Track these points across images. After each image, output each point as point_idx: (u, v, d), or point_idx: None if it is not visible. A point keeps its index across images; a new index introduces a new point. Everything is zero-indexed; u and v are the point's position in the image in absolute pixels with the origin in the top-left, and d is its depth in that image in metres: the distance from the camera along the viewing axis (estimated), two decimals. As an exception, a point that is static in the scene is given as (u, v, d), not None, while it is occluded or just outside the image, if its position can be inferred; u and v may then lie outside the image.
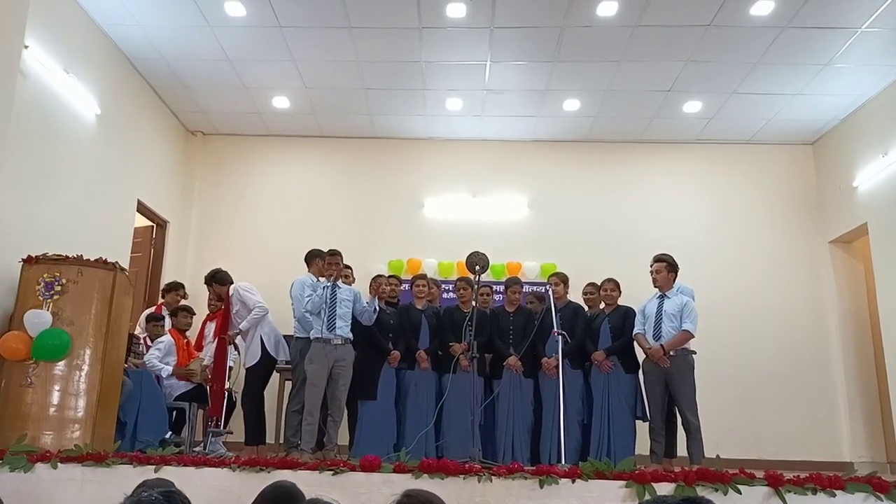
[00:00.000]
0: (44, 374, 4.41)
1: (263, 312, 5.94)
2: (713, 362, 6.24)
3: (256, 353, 5.93)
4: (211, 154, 8.56)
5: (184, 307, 6.37)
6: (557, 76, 7.00)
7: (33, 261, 4.65)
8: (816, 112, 7.56)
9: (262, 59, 6.88)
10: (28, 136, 5.29)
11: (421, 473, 3.76)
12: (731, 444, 6.25)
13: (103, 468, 3.85)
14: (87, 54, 6.15)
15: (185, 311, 6.29)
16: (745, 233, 8.11)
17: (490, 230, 8.03)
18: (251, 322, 5.91)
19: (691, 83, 7.04)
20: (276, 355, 6.01)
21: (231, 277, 6.27)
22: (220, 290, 6.18)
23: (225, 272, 6.26)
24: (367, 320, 5.61)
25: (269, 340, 5.97)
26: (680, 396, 5.24)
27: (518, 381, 5.72)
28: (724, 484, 3.60)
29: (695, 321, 5.35)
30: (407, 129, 8.29)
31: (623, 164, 8.37)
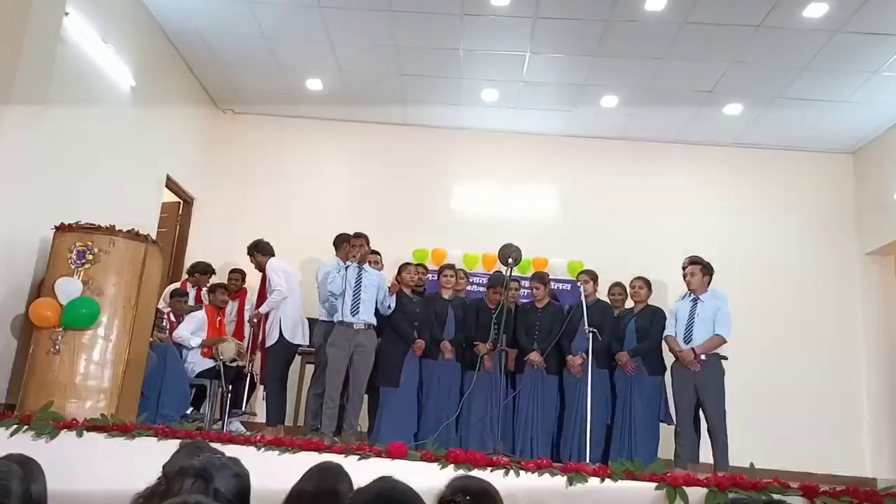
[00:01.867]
0: (71, 343, 4.39)
1: (279, 297, 5.85)
2: (740, 369, 6.12)
3: (275, 334, 5.89)
4: (239, 133, 8.52)
5: (221, 284, 6.33)
6: (597, 71, 6.89)
7: (66, 229, 4.63)
8: (859, 121, 7.38)
9: (298, 39, 6.81)
10: (65, 103, 5.27)
11: (447, 464, 3.72)
12: (752, 453, 6.12)
13: (127, 439, 3.85)
14: (124, 25, 6.12)
15: (222, 289, 6.24)
16: (778, 240, 7.96)
17: (518, 224, 7.92)
18: (268, 305, 5.88)
19: (734, 85, 6.89)
20: (292, 339, 5.91)
21: (273, 250, 6.20)
22: (262, 261, 6.11)
23: (267, 243, 6.20)
24: (383, 311, 5.59)
25: (287, 323, 5.89)
26: (709, 402, 5.15)
27: (541, 377, 5.65)
28: (757, 492, 3.51)
29: (729, 326, 5.26)
30: (439, 118, 8.20)
31: (657, 164, 8.23)
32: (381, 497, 1.63)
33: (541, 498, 3.66)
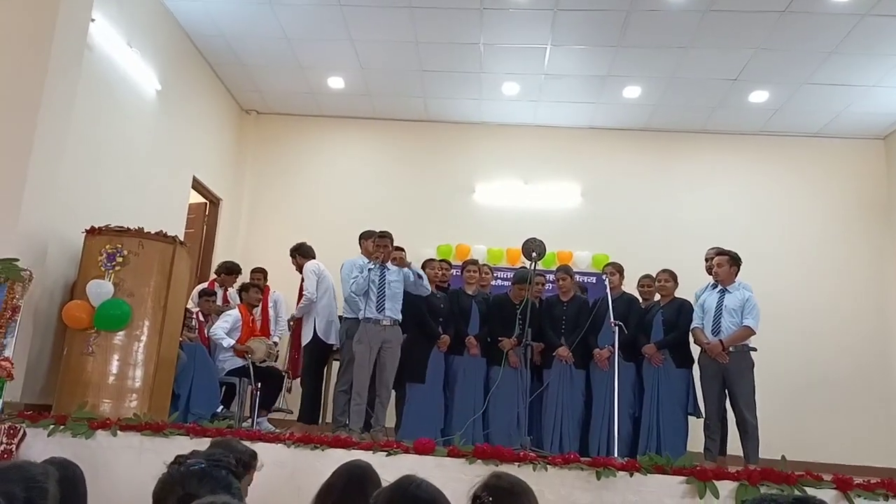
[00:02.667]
0: (104, 344, 4.49)
1: (307, 303, 6.06)
2: (769, 361, 6.02)
3: (308, 333, 6.07)
4: (264, 133, 8.61)
5: (254, 284, 6.40)
6: (619, 62, 6.82)
7: (96, 232, 4.72)
8: (890, 105, 7.22)
9: (320, 39, 6.86)
10: (91, 108, 5.37)
11: (475, 459, 3.73)
12: (783, 445, 6.04)
13: (160, 437, 3.92)
14: (149, 29, 6.21)
15: (256, 288, 6.33)
16: (807, 229, 7.82)
17: (541, 218, 7.89)
18: (300, 311, 6.12)
19: (760, 72, 6.77)
20: (326, 339, 6.07)
21: (314, 252, 6.41)
22: (301, 263, 6.31)
23: (310, 246, 6.43)
24: (423, 291, 5.59)
25: (321, 323, 6.07)
26: (739, 394, 5.08)
27: (569, 371, 5.62)
28: (789, 485, 3.47)
29: (757, 317, 5.18)
30: (461, 113, 8.20)
31: (682, 154, 8.14)
32: (404, 495, 1.63)
33: (569, 493, 3.66)
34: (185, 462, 1.92)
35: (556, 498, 3.64)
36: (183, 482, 1.82)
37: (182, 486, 1.81)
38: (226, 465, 2.02)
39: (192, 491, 1.76)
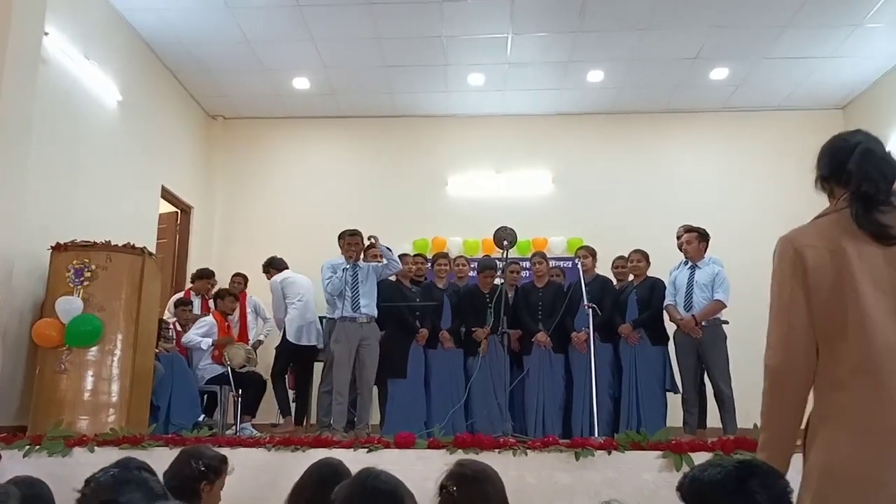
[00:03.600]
0: (77, 360, 4.46)
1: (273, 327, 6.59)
2: (742, 333, 6.12)
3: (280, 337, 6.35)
4: (232, 138, 8.55)
5: (230, 292, 6.44)
6: (580, 47, 6.86)
7: (62, 248, 4.68)
8: (847, 75, 7.33)
9: (280, 40, 6.82)
10: (51, 123, 5.31)
11: (455, 449, 3.77)
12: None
13: (139, 451, 3.89)
14: (106, 40, 6.15)
15: (231, 297, 6.36)
16: (773, 201, 7.89)
17: (515, 206, 7.93)
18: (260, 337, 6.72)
19: (718, 49, 6.85)
20: (297, 341, 6.19)
21: (285, 264, 6.64)
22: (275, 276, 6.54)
23: (281, 259, 6.66)
24: (395, 266, 5.62)
25: (291, 326, 6.21)
26: (713, 367, 5.17)
27: (548, 356, 5.67)
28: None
29: (727, 291, 5.27)
30: (429, 106, 8.20)
31: (649, 135, 8.21)
32: (363, 488, 1.65)
33: (550, 475, 3.71)
34: (96, 478, 1.92)
35: (538, 481, 3.69)
36: (98, 495, 1.81)
37: (98, 498, 1.80)
38: (138, 466, 2.02)
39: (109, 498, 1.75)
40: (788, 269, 1.71)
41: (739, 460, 1.56)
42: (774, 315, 1.73)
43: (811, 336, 1.66)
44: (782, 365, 1.69)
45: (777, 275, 1.75)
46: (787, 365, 1.69)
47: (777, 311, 1.73)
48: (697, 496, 1.53)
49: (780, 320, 1.72)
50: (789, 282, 1.70)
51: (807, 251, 1.69)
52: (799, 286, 1.68)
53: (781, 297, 1.72)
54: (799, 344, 1.67)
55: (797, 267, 1.69)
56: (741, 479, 1.50)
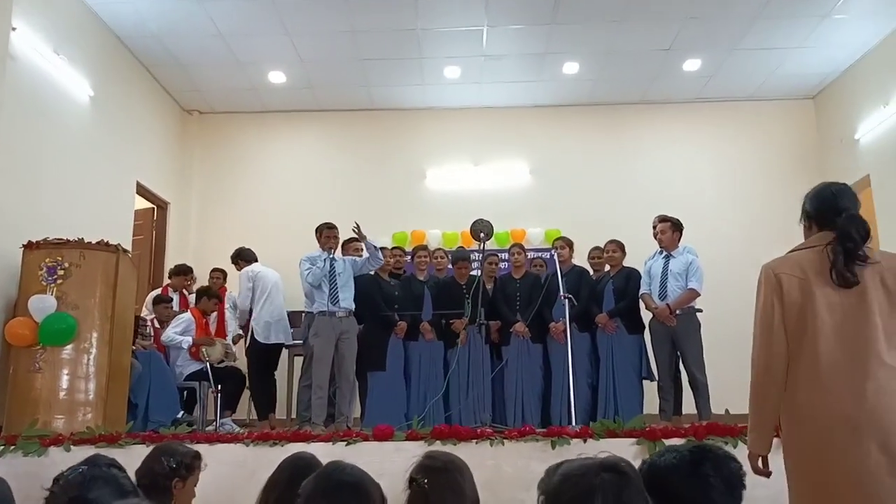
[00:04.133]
0: (52, 359, 4.43)
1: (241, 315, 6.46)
2: (718, 320, 6.21)
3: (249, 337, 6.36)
4: (208, 133, 8.49)
5: (208, 291, 6.34)
6: (556, 39, 6.89)
7: (34, 246, 4.64)
8: (817, 65, 7.45)
9: (254, 33, 6.77)
10: (21, 120, 5.24)
11: (433, 440, 3.79)
12: (737, 400, 6.24)
13: (117, 449, 3.88)
14: (76, 35, 6.06)
15: (215, 299, 6.30)
16: (748, 190, 8.05)
17: (493, 198, 7.98)
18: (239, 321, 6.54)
19: (691, 41, 6.92)
20: (265, 339, 6.17)
21: (255, 255, 6.57)
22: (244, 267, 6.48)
23: (249, 249, 6.58)
24: (376, 262, 5.64)
25: (258, 324, 6.18)
26: (687, 354, 5.25)
27: (526, 346, 5.72)
28: (733, 437, 3.62)
29: (700, 279, 5.34)
30: (405, 99, 8.19)
31: (625, 126, 8.28)
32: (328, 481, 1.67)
33: (526, 464, 3.75)
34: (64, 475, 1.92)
35: (514, 470, 3.73)
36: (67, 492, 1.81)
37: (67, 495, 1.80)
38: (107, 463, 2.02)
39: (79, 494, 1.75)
40: (769, 290, 2.12)
41: (694, 445, 1.62)
42: (759, 328, 2.14)
43: (785, 345, 2.09)
44: (765, 367, 2.12)
45: (760, 295, 2.15)
46: (768, 367, 2.11)
47: (761, 324, 2.13)
48: (655, 481, 1.59)
49: (763, 332, 2.12)
50: (770, 300, 2.11)
51: (783, 278, 2.11)
52: (778, 304, 2.10)
53: (765, 312, 2.12)
54: (778, 353, 2.09)
55: (776, 289, 2.11)
56: (695, 462, 1.59)
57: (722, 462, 1.64)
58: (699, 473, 1.60)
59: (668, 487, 1.61)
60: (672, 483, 1.60)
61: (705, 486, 1.59)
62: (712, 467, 1.61)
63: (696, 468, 1.61)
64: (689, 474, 1.61)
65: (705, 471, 1.60)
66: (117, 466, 1.89)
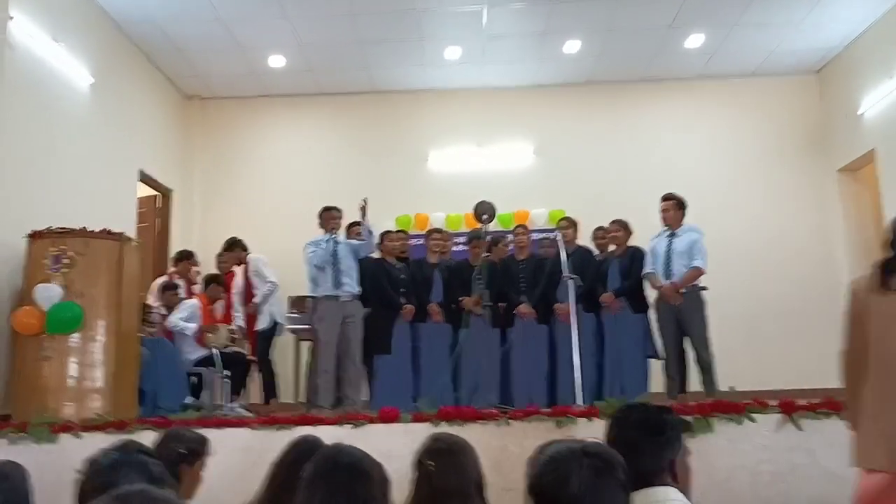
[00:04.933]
0: (59, 347, 4.45)
1: (273, 289, 6.39)
2: (723, 298, 6.21)
3: (265, 320, 6.37)
4: (210, 118, 8.46)
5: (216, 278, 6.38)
6: (557, 16, 6.82)
7: (38, 235, 4.65)
8: (820, 40, 7.37)
9: (254, 17, 6.72)
10: (21, 109, 5.23)
11: (440, 422, 3.80)
12: (744, 377, 6.22)
13: (126, 435, 3.90)
14: (75, 22, 6.03)
15: (222, 287, 6.33)
16: (752, 166, 8.00)
17: (497, 179, 7.94)
18: (264, 299, 6.38)
19: (692, 17, 6.84)
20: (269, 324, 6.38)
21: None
22: (242, 256, 6.59)
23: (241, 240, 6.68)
24: (371, 249, 5.65)
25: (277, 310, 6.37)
26: (693, 332, 5.25)
27: (532, 327, 5.73)
28: (738, 414, 3.63)
29: (705, 257, 5.32)
30: (406, 81, 8.14)
31: (627, 104, 8.22)
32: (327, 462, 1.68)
33: (532, 444, 3.73)
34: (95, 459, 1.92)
35: (521, 450, 3.73)
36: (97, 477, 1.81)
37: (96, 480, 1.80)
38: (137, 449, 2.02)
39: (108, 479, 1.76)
40: (851, 297, 2.60)
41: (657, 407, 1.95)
42: (846, 327, 2.61)
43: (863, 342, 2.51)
44: (847, 357, 2.62)
45: (847, 300, 2.62)
46: (849, 357, 2.60)
47: (847, 324, 2.61)
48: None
49: (847, 331, 2.60)
50: (851, 305, 2.59)
51: (856, 291, 2.60)
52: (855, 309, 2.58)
53: (849, 315, 2.60)
54: (855, 347, 2.56)
55: (853, 298, 2.59)
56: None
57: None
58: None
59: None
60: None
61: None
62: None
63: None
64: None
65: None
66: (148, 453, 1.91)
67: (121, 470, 1.73)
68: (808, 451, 3.51)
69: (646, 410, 1.98)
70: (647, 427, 1.88)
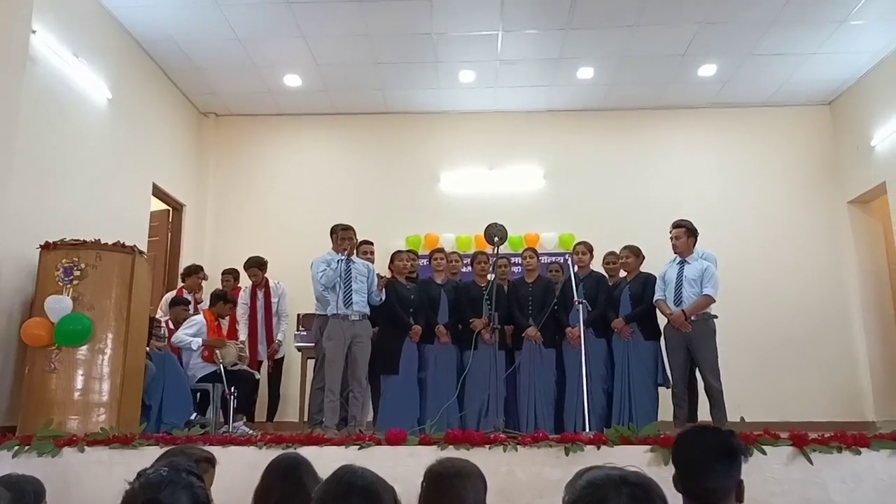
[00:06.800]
0: (67, 360, 4.44)
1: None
2: (734, 327, 6.19)
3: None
4: (224, 135, 8.54)
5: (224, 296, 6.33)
6: (571, 43, 6.88)
7: (51, 247, 4.67)
8: (833, 71, 7.39)
9: (271, 37, 6.81)
10: (40, 122, 5.29)
11: (446, 445, 3.77)
12: (754, 407, 6.17)
13: (130, 450, 3.90)
14: (95, 38, 6.12)
15: (229, 304, 6.32)
16: (763, 196, 8.00)
17: (507, 202, 7.97)
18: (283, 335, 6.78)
19: (706, 46, 6.89)
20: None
21: None
22: (261, 275, 6.71)
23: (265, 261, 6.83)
24: (374, 302, 5.61)
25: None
26: (702, 361, 5.20)
27: (539, 351, 5.70)
28: (749, 445, 3.57)
29: (715, 285, 5.29)
30: (420, 103, 8.20)
31: (639, 131, 8.25)
32: (339, 485, 1.66)
33: (540, 470, 3.73)
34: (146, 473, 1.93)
35: (528, 476, 3.70)
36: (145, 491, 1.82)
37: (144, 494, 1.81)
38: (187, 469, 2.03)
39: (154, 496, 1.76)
40: None
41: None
42: None
43: None
44: None
45: None
46: None
47: None
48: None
49: None
50: None
51: None
52: None
53: None
54: None
55: None
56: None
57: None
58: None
59: None
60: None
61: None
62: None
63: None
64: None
65: None
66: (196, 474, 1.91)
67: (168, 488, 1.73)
68: (820, 486, 3.45)
69: (718, 434, 2.01)
70: (722, 450, 1.92)
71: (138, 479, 1.86)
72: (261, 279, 6.64)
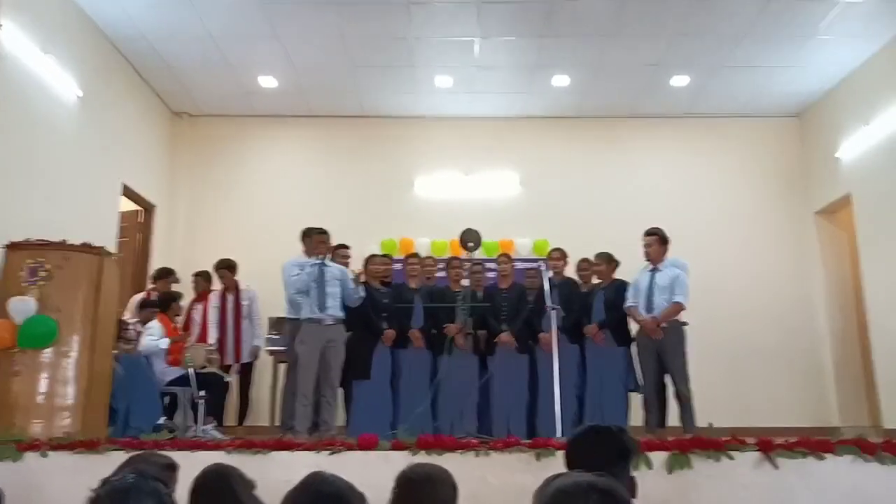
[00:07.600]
0: (30, 363, 4.34)
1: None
2: (703, 334, 6.26)
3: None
4: (197, 136, 8.43)
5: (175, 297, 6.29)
6: (547, 51, 6.93)
7: (16, 247, 4.56)
8: (802, 84, 7.55)
9: (246, 37, 6.75)
10: (7, 119, 5.18)
11: (418, 450, 3.75)
12: (722, 413, 6.20)
13: (95, 455, 3.80)
14: (65, 34, 6.01)
15: (178, 301, 6.27)
16: (732, 205, 8.13)
17: (482, 208, 7.99)
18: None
19: (679, 57, 7.00)
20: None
21: None
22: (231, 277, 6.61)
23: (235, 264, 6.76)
24: (353, 303, 5.57)
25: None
26: (672, 367, 5.27)
27: (512, 357, 5.71)
28: (716, 451, 3.62)
29: (686, 293, 5.37)
30: (396, 107, 8.19)
31: (613, 139, 8.34)
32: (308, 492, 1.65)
33: (511, 475, 3.73)
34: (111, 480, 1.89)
35: (500, 482, 3.70)
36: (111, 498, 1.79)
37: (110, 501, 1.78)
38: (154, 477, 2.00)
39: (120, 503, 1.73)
40: None
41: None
42: None
43: None
44: None
45: None
46: None
47: None
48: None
49: None
50: None
51: None
52: None
53: None
54: None
55: None
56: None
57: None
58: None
59: None
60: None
61: None
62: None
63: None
64: None
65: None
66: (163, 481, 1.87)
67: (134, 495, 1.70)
68: (788, 491, 3.51)
69: (610, 433, 2.02)
70: (615, 450, 1.95)
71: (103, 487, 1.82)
72: (231, 282, 6.55)
